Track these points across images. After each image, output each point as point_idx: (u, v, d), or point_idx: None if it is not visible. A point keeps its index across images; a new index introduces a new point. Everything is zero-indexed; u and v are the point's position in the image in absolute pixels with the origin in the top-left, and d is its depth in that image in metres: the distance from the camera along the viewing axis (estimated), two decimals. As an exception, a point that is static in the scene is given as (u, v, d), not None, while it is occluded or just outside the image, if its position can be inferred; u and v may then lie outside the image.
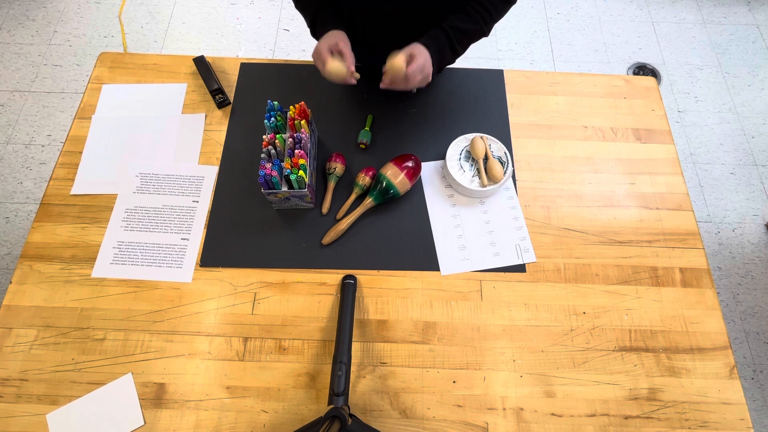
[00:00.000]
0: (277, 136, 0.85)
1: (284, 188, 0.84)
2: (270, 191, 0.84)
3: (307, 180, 0.83)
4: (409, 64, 0.80)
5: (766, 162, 1.92)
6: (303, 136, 0.86)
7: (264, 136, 0.85)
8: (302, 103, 0.89)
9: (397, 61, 0.79)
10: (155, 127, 1.00)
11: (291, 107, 0.89)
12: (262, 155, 0.83)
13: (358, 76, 0.82)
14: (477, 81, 1.07)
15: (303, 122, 0.87)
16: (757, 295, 1.66)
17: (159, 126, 1.00)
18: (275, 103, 0.88)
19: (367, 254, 0.88)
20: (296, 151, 0.83)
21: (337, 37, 0.83)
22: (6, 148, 1.83)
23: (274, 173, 0.81)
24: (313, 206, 0.91)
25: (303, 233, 0.89)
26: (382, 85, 0.83)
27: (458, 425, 0.75)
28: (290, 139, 0.85)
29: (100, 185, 0.93)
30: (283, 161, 0.85)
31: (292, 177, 0.81)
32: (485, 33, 0.89)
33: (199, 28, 2.16)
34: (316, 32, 0.90)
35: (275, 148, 0.86)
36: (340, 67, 0.80)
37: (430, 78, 0.85)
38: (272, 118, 0.86)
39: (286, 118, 0.90)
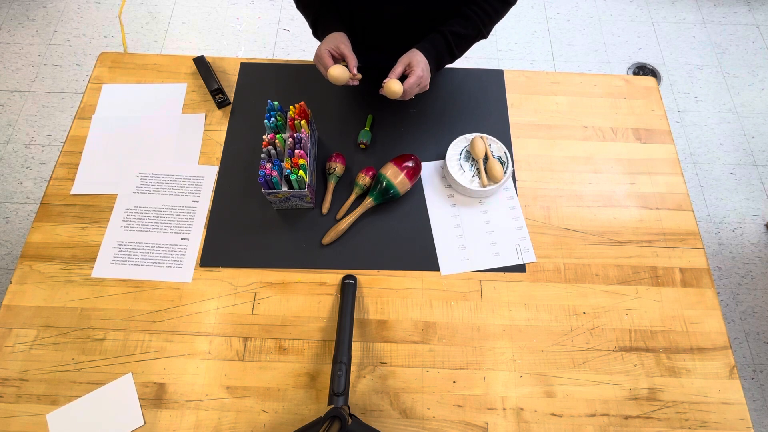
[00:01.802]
0: (277, 136, 0.85)
1: (284, 188, 0.84)
2: (270, 191, 0.83)
3: (307, 180, 0.83)
4: (407, 76, 0.82)
5: (766, 162, 1.92)
6: (303, 136, 0.86)
7: (264, 136, 0.85)
8: (302, 103, 0.89)
9: (392, 86, 0.81)
10: (155, 127, 1.00)
11: (291, 107, 0.89)
12: (262, 155, 0.83)
13: (359, 76, 0.83)
14: (477, 81, 1.07)
15: (303, 122, 0.86)
16: (757, 295, 1.66)
17: (159, 126, 1.00)
18: (275, 103, 0.88)
19: (367, 254, 0.88)
20: (296, 151, 0.83)
21: (338, 40, 0.84)
22: (6, 148, 1.83)
23: (274, 173, 0.81)
24: (313, 206, 0.91)
25: (303, 233, 0.89)
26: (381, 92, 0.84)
27: (458, 425, 0.75)
28: (290, 139, 0.85)
29: (100, 185, 0.93)
30: (283, 161, 0.85)
31: (292, 177, 0.81)
32: (484, 36, 0.89)
33: (199, 28, 2.16)
34: (318, 33, 0.91)
35: (275, 148, 0.86)
36: (342, 73, 0.81)
37: (428, 86, 0.86)
38: (272, 118, 0.86)
39: (286, 118, 0.90)
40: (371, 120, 1.00)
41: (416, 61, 0.82)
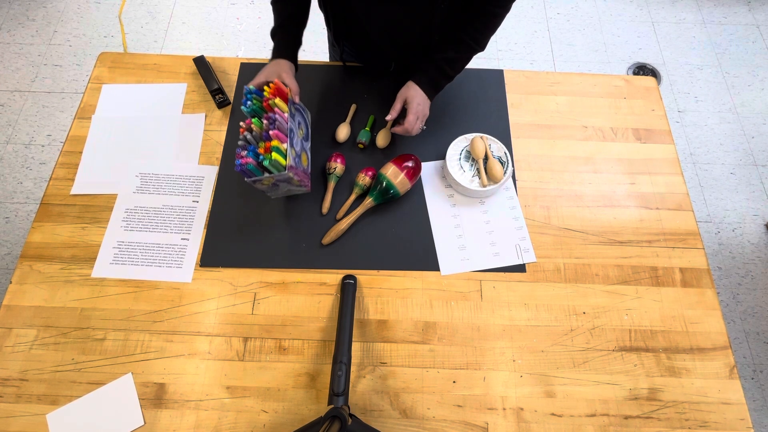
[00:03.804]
0: (254, 120, 0.80)
1: (266, 174, 0.78)
2: (254, 179, 0.78)
3: (287, 162, 0.77)
4: (402, 118, 0.90)
5: (766, 162, 1.91)
6: (278, 116, 0.79)
7: (241, 123, 0.80)
8: (276, 80, 0.82)
9: (382, 141, 0.97)
10: (155, 127, 1.00)
11: (265, 87, 0.82)
12: (239, 142, 0.78)
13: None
14: (477, 81, 1.07)
15: (277, 100, 0.80)
16: (757, 295, 1.66)
17: (159, 126, 1.00)
18: (251, 86, 0.82)
19: (367, 254, 0.88)
20: (271, 132, 0.77)
21: (281, 69, 0.85)
22: (6, 148, 1.83)
23: (249, 160, 0.76)
24: (307, 189, 0.87)
25: (303, 233, 0.89)
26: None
27: (458, 425, 0.75)
28: (264, 122, 0.79)
29: (100, 185, 0.93)
30: (258, 147, 0.79)
31: (266, 162, 0.75)
32: (481, 49, 0.89)
33: (199, 28, 2.16)
34: (273, 39, 0.90)
35: (251, 133, 0.80)
36: (346, 132, 0.97)
37: (428, 113, 0.92)
38: (248, 102, 0.81)
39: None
40: (372, 120, 1.00)
41: (411, 97, 0.88)
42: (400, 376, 0.78)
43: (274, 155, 0.76)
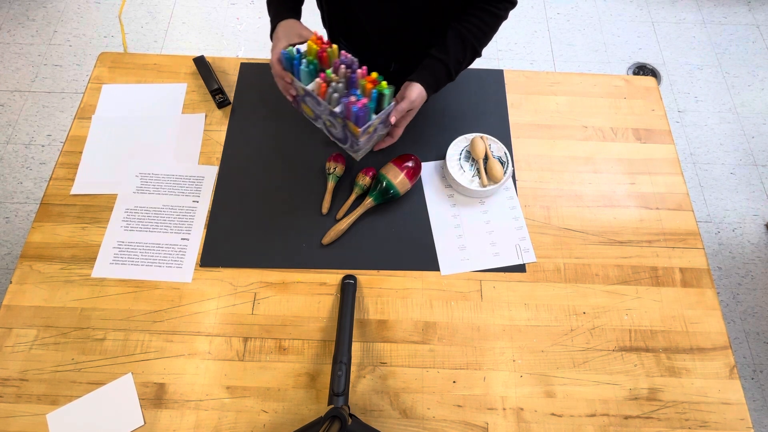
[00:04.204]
0: (327, 72, 0.75)
1: (373, 116, 0.76)
2: (366, 126, 0.75)
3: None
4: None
5: (766, 162, 1.92)
6: (349, 58, 0.76)
7: (316, 80, 0.75)
8: (314, 32, 0.79)
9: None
10: (155, 127, 1.00)
11: (308, 42, 0.77)
12: (334, 95, 0.74)
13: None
14: (477, 81, 1.07)
15: (335, 47, 0.76)
16: (757, 295, 1.66)
17: (159, 126, 1.00)
18: (291, 49, 0.77)
19: (367, 254, 0.88)
20: (359, 71, 0.74)
21: (297, 28, 0.81)
22: (6, 148, 1.83)
23: (365, 100, 0.72)
24: (389, 128, 0.84)
25: (303, 233, 0.89)
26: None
27: (458, 425, 0.75)
28: (342, 67, 0.75)
29: (100, 185, 0.93)
30: (357, 88, 0.75)
31: (387, 92, 0.73)
32: (479, 55, 0.89)
33: (199, 28, 2.16)
34: (270, 6, 0.88)
35: (335, 84, 0.76)
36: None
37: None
38: (303, 61, 0.76)
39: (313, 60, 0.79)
40: (371, 120, 1.00)
41: (415, 106, 0.83)
42: (400, 376, 0.78)
43: (384, 84, 0.73)
